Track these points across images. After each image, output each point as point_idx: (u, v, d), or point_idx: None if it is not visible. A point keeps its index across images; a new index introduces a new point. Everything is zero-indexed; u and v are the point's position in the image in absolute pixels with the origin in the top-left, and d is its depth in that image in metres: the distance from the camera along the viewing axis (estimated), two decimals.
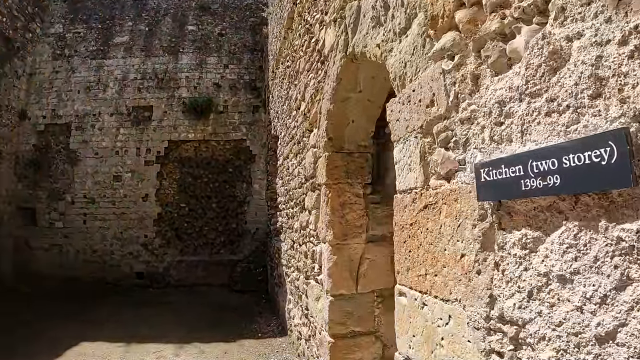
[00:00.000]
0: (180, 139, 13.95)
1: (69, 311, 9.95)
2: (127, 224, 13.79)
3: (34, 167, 14.42)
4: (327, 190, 4.23)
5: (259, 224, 13.23)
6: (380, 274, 4.27)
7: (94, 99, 14.59)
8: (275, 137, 9.51)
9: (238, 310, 10.04)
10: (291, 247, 6.95)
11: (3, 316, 9.37)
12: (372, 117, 4.21)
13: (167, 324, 8.90)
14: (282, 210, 8.24)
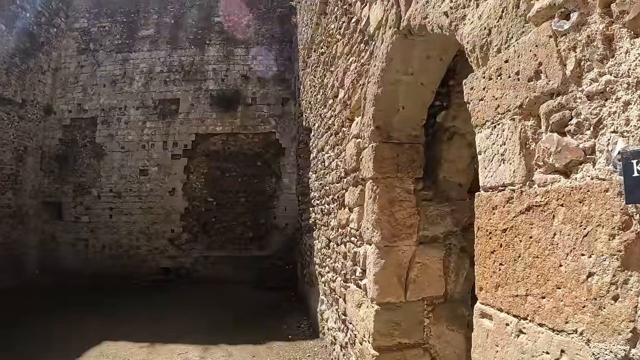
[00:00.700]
0: (207, 132, 13.65)
1: (93, 307, 9.64)
2: (154, 218, 13.56)
3: (60, 161, 14.38)
4: (373, 186, 3.77)
5: (289, 220, 12.86)
6: (431, 279, 3.81)
7: (119, 92, 14.42)
8: (308, 129, 9.05)
9: (267, 309, 9.68)
10: (326, 246, 6.46)
11: (25, 312, 9.20)
12: (424, 102, 3.72)
13: (193, 322, 8.56)
14: (315, 206, 7.77)
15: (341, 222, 5.19)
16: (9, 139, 13.08)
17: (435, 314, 3.81)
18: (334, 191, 5.72)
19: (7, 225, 12.93)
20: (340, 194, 5.24)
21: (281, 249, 12.61)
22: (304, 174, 9.83)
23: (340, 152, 5.29)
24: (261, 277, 12.06)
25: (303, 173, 10.03)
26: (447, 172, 3.92)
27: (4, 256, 12.56)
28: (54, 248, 14.18)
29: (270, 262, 12.27)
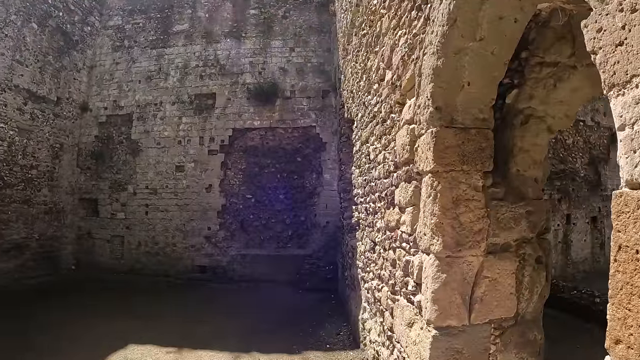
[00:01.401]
0: (245, 126, 13.15)
1: (125, 306, 9.42)
2: (190, 215, 13.19)
3: (96, 158, 14.29)
4: (434, 181, 3.06)
5: (330, 217, 12.20)
6: (501, 298, 3.08)
7: (155, 88, 14.17)
8: (350, 121, 8.47)
9: (304, 312, 9.13)
10: (371, 250, 5.80)
11: (56, 309, 8.95)
12: (494, 77, 3.00)
13: (225, 325, 8.14)
14: (359, 204, 7.12)
15: (390, 224, 4.51)
16: (44, 136, 13.12)
17: (503, 339, 3.11)
18: (381, 188, 5.03)
19: (42, 221, 13.03)
20: (389, 191, 4.55)
21: (321, 249, 12.00)
22: (346, 170, 9.24)
23: (388, 143, 4.63)
24: (300, 278, 11.52)
25: (345, 168, 9.38)
26: (521, 164, 3.21)
27: (40, 252, 12.74)
28: (90, 244, 14.14)
29: (310, 262, 11.64)
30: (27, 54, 12.32)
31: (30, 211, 12.55)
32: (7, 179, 11.77)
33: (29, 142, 12.52)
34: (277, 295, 10.66)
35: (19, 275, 11.69)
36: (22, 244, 12.17)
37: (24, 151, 12.32)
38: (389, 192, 4.53)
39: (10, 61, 11.73)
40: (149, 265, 13.27)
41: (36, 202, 12.80)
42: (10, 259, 11.70)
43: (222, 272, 12.48)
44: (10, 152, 11.83)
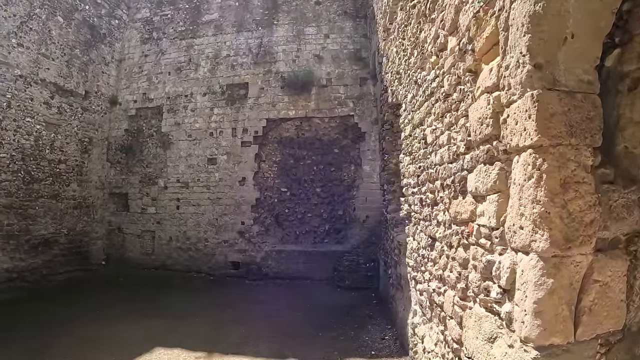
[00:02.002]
0: (279, 116, 12.49)
1: (153, 303, 9.01)
2: (223, 209, 12.61)
3: (126, 152, 13.99)
4: (536, 158, 2.33)
5: (370, 211, 11.43)
6: (611, 307, 2.37)
7: (185, 79, 13.70)
8: (395, 106, 7.76)
9: (344, 313, 8.43)
10: (428, 247, 5.02)
11: (82, 307, 8.57)
12: (600, 29, 2.29)
13: (258, 326, 7.54)
14: (409, 196, 6.39)
15: (459, 217, 3.77)
16: (73, 130, 12.93)
17: (609, 357, 2.43)
18: (444, 174, 4.27)
19: (71, 216, 12.84)
20: (458, 177, 3.79)
21: (361, 244, 11.32)
22: (390, 159, 8.57)
23: (455, 121, 3.90)
24: (338, 275, 10.86)
25: (388, 158, 8.63)
26: (630, 140, 2.48)
27: (69, 248, 12.57)
28: (120, 240, 13.84)
29: (349, 259, 10.93)
30: (53, 47, 12.08)
31: (59, 206, 12.34)
32: (35, 173, 11.54)
33: (57, 137, 12.30)
34: (314, 294, 10.04)
35: (47, 271, 11.46)
36: (50, 240, 11.92)
37: (51, 145, 12.11)
38: (457, 178, 3.78)
39: (36, 55, 11.50)
40: (180, 261, 12.81)
41: (65, 196, 12.59)
42: (39, 254, 11.47)
43: (256, 269, 11.84)
44: (37, 146, 11.63)
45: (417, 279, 5.47)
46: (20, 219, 11.03)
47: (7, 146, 10.78)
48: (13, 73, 10.86)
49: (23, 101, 11.14)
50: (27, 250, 11.15)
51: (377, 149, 11.37)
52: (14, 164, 10.95)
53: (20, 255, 10.92)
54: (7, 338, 6.57)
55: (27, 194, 11.27)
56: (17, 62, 10.95)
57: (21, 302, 8.95)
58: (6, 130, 10.75)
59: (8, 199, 10.76)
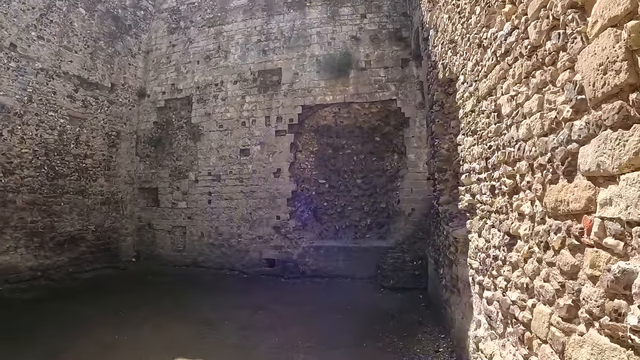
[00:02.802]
0: (316, 103, 11.31)
1: (181, 304, 8.12)
2: (257, 203, 11.54)
3: (155, 145, 13.35)
4: None
5: (416, 203, 10.24)
6: None
7: (214, 67, 12.76)
8: (447, 82, 6.62)
9: (390, 318, 7.22)
10: (505, 246, 3.82)
11: (104, 308, 7.76)
12: None
13: (294, 333, 6.51)
14: (471, 184, 5.16)
15: (562, 208, 2.62)
16: (99, 124, 12.36)
17: None
18: (535, 152, 3.08)
19: (99, 212, 12.27)
20: (560, 153, 2.63)
21: (406, 240, 10.12)
22: (441, 144, 7.29)
23: (550, 79, 2.74)
24: (382, 274, 9.63)
25: (439, 143, 7.41)
26: None
27: (97, 244, 12.00)
28: (150, 236, 13.19)
29: (394, 256, 9.72)
30: (76, 39, 11.50)
31: (86, 202, 11.77)
32: (59, 169, 11.05)
33: (82, 131, 11.74)
34: (355, 294, 8.85)
35: (74, 269, 10.82)
36: (76, 237, 11.36)
37: (76, 140, 11.55)
38: (558, 154, 2.61)
39: (57, 47, 10.97)
40: (212, 257, 11.90)
41: (92, 192, 11.99)
42: (64, 252, 10.92)
43: (293, 266, 10.74)
44: (61, 141, 11.09)
45: (484, 284, 4.35)
46: (44, 215, 10.48)
47: (29, 141, 10.26)
48: (34, 66, 10.34)
49: (45, 95, 10.61)
50: (52, 247, 10.61)
51: (423, 136, 10.15)
52: (37, 159, 10.42)
53: (45, 253, 10.40)
54: (20, 340, 5.94)
55: (52, 190, 10.74)
56: (38, 55, 10.42)
57: (43, 301, 8.27)
58: (28, 125, 10.23)
59: (31, 195, 10.24)
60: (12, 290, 8.96)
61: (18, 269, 9.71)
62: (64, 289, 9.37)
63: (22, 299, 8.42)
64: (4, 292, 8.85)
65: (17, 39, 9.92)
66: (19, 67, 9.98)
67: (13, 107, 9.85)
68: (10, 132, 9.80)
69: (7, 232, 9.65)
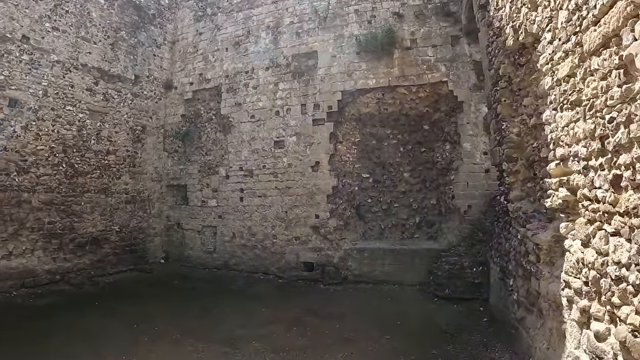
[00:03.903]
0: (357, 87, 9.81)
1: (206, 316, 6.97)
2: (293, 200, 10.19)
3: (183, 139, 12.35)
4: None
5: (472, 199, 8.74)
6: None
7: (244, 54, 11.47)
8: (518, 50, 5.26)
9: (448, 338, 5.85)
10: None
11: (122, 319, 6.75)
12: None
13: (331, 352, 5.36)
14: (572, 175, 3.71)
15: None
16: (122, 118, 11.37)
17: None
18: None
19: (123, 211, 11.29)
20: None
21: (462, 241, 8.63)
22: (509, 128, 5.80)
23: None
24: (436, 281, 8.11)
25: (507, 127, 5.94)
26: None
27: (122, 245, 11.08)
28: (179, 236, 12.16)
29: (450, 260, 8.21)
30: (94, 30, 10.58)
31: (109, 201, 10.82)
32: (79, 166, 10.11)
33: (104, 125, 10.78)
34: (405, 304, 7.47)
35: (96, 272, 10.01)
36: (99, 238, 10.46)
37: (97, 135, 10.60)
38: None
39: (75, 38, 10.06)
40: (244, 260, 10.70)
41: (115, 190, 11.04)
42: (86, 254, 10.08)
43: (334, 271, 9.35)
44: (80, 136, 10.17)
45: (592, 312, 3.07)
46: (63, 216, 9.61)
47: (45, 137, 9.35)
48: (49, 59, 9.46)
49: (62, 88, 9.72)
50: (73, 249, 9.77)
51: (480, 122, 8.64)
52: (54, 156, 9.51)
53: (64, 256, 9.56)
54: (14, 353, 5.14)
55: (71, 188, 9.83)
56: (53, 47, 9.54)
57: (57, 308, 7.42)
58: (43, 121, 9.33)
59: (48, 194, 9.34)
60: (27, 296, 8.21)
61: (35, 272, 8.92)
62: (81, 294, 8.52)
63: (35, 305, 7.64)
64: (18, 297, 8.12)
65: (30, 31, 9.06)
66: (32, 59, 9.11)
67: (27, 101, 8.96)
68: (23, 128, 8.91)
69: (23, 233, 8.82)
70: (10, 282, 8.41)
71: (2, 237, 8.44)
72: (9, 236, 8.54)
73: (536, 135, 4.89)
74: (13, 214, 8.62)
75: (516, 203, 5.52)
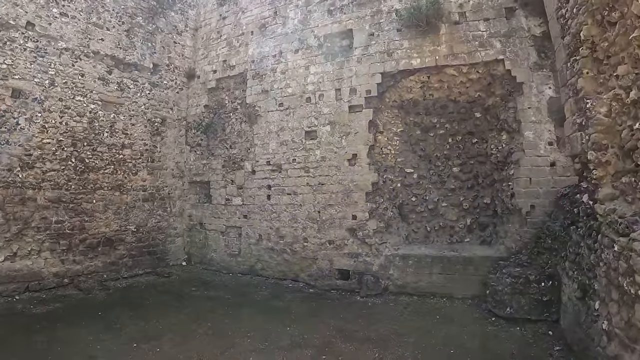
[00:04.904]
0: (399, 68, 8.58)
1: (218, 337, 5.97)
2: (327, 199, 9.08)
3: (206, 131, 11.53)
4: None
5: (536, 198, 7.48)
6: None
7: (271, 37, 10.51)
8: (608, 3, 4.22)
9: None
10: None
11: (121, 335, 6.00)
12: None
13: None
14: None
15: None
16: (139, 109, 10.70)
17: None
18: None
19: (140, 210, 10.61)
20: None
21: (523, 249, 7.37)
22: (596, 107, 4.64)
23: None
24: (494, 296, 6.77)
25: (592, 106, 4.75)
26: None
27: (139, 247, 10.43)
28: (202, 237, 11.39)
29: (512, 272, 6.76)
30: (107, 15, 9.96)
31: (124, 198, 10.16)
32: (90, 161, 9.46)
33: (118, 117, 10.13)
34: (457, 325, 6.29)
35: (108, 276, 9.45)
36: (113, 238, 9.83)
37: (111, 128, 9.96)
38: None
39: (85, 25, 9.47)
40: (272, 265, 9.77)
41: (131, 187, 10.36)
42: (98, 255, 9.50)
43: (373, 280, 8.21)
44: (92, 129, 9.54)
45: None
46: (72, 214, 8.99)
47: (51, 130, 8.74)
48: (56, 46, 8.89)
49: (71, 77, 9.12)
50: (83, 251, 9.18)
51: (543, 106, 7.45)
52: (62, 150, 8.89)
53: (74, 257, 8.98)
54: None
55: (81, 185, 9.19)
56: (61, 34, 8.97)
57: (56, 318, 6.70)
58: (50, 112, 8.73)
59: (55, 191, 8.71)
60: (30, 301, 7.61)
61: (41, 275, 8.37)
62: (87, 301, 7.83)
63: (33, 313, 6.95)
64: (20, 302, 7.52)
65: (35, 17, 8.49)
66: (37, 47, 8.53)
67: (31, 92, 8.37)
68: (28, 121, 8.30)
69: (29, 233, 8.24)
70: (14, 286, 7.88)
71: (6, 237, 7.89)
72: (13, 236, 7.98)
73: (637, 114, 3.76)
74: (17, 212, 8.01)
75: (607, 204, 4.35)
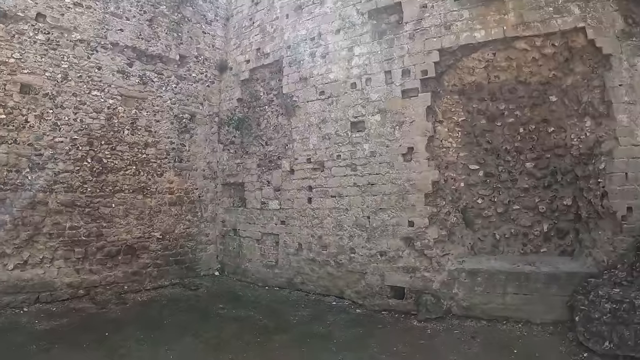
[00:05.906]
0: (460, 43, 7.21)
1: None
2: (378, 201, 7.88)
3: (239, 127, 10.81)
4: None
5: (635, 199, 6.02)
6: None
7: (308, 18, 9.57)
8: None
9: None
10: None
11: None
12: None
13: None
14: None
15: None
16: (165, 105, 10.21)
17: None
18: None
19: (167, 215, 10.08)
20: None
21: (619, 262, 5.93)
22: None
23: None
24: (586, 326, 5.38)
25: None
26: None
27: (165, 255, 9.92)
28: (236, 245, 10.71)
29: (611, 296, 5.28)
30: (127, 4, 9.55)
31: (147, 202, 9.65)
32: (108, 161, 9.00)
33: (141, 113, 9.67)
34: None
35: (130, 287, 9.01)
36: (135, 246, 9.36)
37: (132, 125, 9.51)
38: None
39: (102, 14, 9.06)
40: (313, 278, 8.88)
41: (156, 190, 9.85)
42: (118, 265, 9.06)
43: (433, 301, 6.98)
44: (110, 126, 9.10)
45: None
46: (88, 220, 8.59)
47: (65, 128, 8.32)
48: (70, 38, 8.52)
49: (86, 71, 8.74)
50: (102, 259, 8.77)
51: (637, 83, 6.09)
52: (77, 150, 8.47)
53: (90, 267, 8.57)
54: None
55: (98, 187, 8.75)
56: (75, 25, 8.59)
57: (56, 338, 6.07)
58: (63, 108, 8.33)
59: (69, 194, 8.28)
60: (36, 314, 7.17)
61: (53, 285, 7.97)
62: (98, 317, 7.26)
63: (33, 330, 6.46)
64: (26, 315, 7.12)
65: (46, 8, 8.14)
66: (49, 39, 8.16)
67: (42, 87, 7.99)
68: (38, 118, 7.88)
69: (40, 240, 7.84)
70: (23, 296, 7.50)
71: (15, 244, 7.48)
72: (23, 242, 7.59)
73: None
74: (25, 217, 7.61)
75: None
